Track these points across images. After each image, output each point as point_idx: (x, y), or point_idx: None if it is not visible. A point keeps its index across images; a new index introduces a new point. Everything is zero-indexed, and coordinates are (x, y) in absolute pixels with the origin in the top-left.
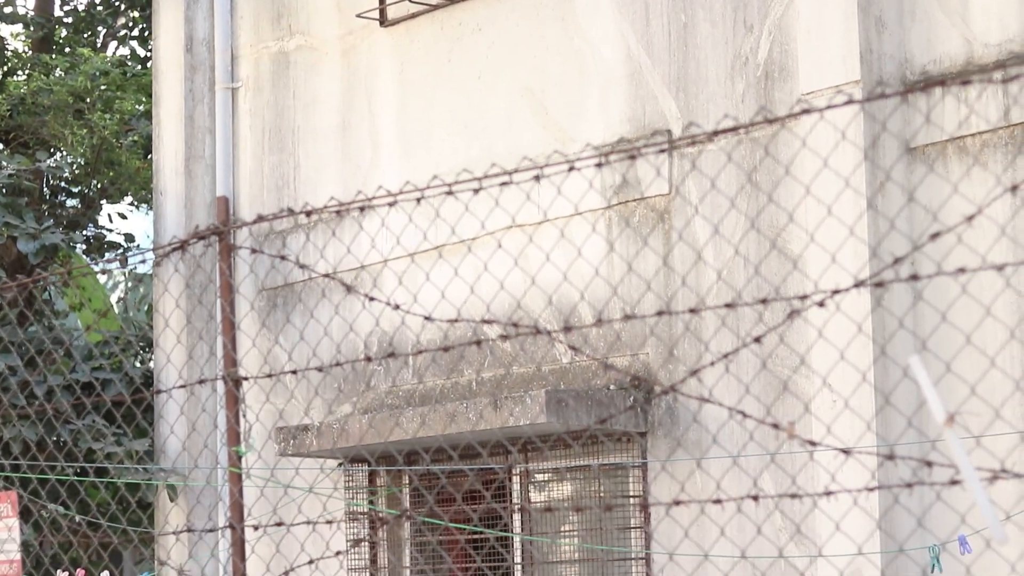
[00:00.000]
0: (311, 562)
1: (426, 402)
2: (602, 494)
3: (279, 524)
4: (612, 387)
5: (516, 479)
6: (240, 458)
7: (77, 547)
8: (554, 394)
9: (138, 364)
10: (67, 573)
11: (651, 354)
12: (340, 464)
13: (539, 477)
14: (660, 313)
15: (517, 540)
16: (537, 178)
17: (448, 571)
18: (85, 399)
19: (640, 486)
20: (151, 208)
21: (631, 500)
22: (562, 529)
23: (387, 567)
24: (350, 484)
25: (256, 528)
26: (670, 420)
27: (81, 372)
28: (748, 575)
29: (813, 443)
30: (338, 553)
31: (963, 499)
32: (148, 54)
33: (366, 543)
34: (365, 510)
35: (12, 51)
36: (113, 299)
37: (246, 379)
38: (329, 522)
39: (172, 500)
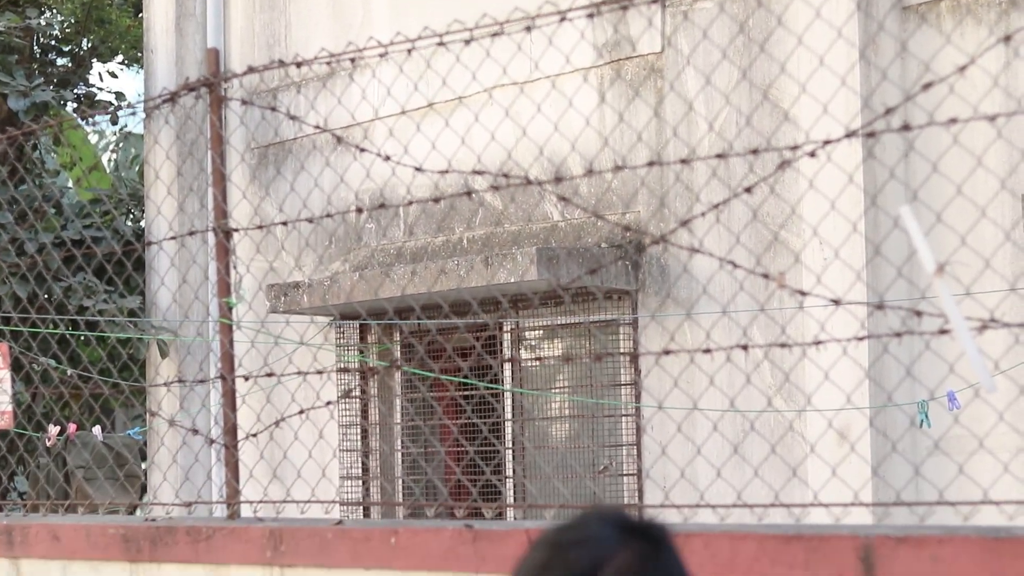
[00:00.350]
0: (301, 412)
1: (417, 259)
2: (593, 350)
3: (269, 375)
4: (603, 244)
5: (507, 336)
6: (230, 309)
7: (68, 399)
8: (545, 251)
9: (129, 223)
10: (59, 427)
11: (642, 211)
12: (331, 321)
13: (529, 334)
14: (651, 164)
15: (508, 395)
16: (529, 28)
17: (439, 424)
18: (76, 251)
19: (630, 344)
20: (141, 67)
21: (621, 354)
22: (552, 386)
23: (378, 421)
24: (341, 340)
25: (246, 379)
26: (661, 277)
27: (73, 229)
28: (737, 426)
29: (803, 293)
30: (328, 403)
31: (952, 349)
32: None
33: (356, 394)
34: (356, 364)
35: None
36: (104, 159)
37: (236, 231)
38: (320, 372)
39: (163, 356)
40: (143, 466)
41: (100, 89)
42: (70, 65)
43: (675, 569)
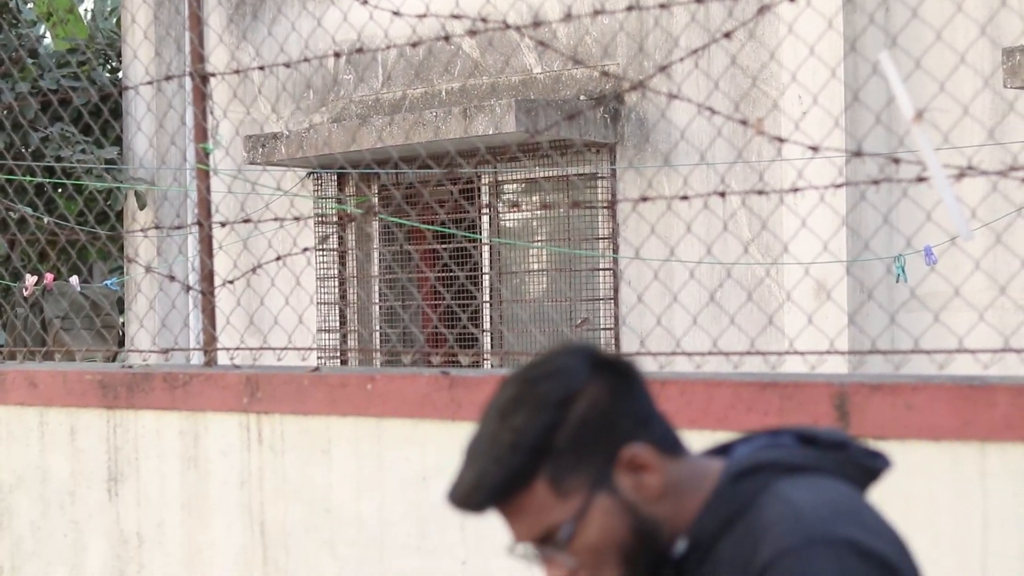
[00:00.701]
0: (279, 259)
1: (395, 111)
2: (570, 202)
3: (246, 221)
4: (582, 96)
5: (485, 188)
6: (207, 155)
7: (45, 246)
8: (523, 102)
9: (107, 73)
10: (36, 277)
11: (621, 62)
12: (309, 174)
13: (508, 188)
14: (630, 8)
15: (485, 248)
16: None
17: (416, 275)
18: (53, 98)
19: (609, 197)
20: None
21: (600, 206)
22: (531, 241)
23: (355, 273)
24: (319, 192)
25: (223, 225)
26: (640, 130)
27: (50, 79)
28: (714, 274)
29: (781, 140)
30: (305, 250)
31: (930, 197)
32: None
33: (334, 242)
34: (333, 213)
35: None
36: (81, 10)
37: (213, 75)
38: (297, 219)
39: (141, 207)
40: (120, 320)
41: None
42: None
43: (645, 403)
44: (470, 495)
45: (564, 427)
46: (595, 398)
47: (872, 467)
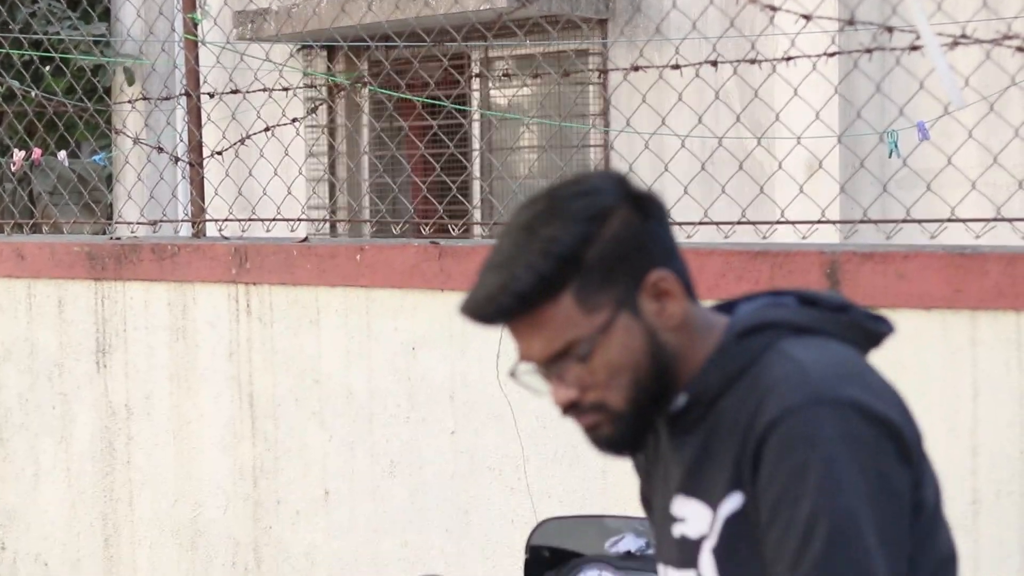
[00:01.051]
0: (267, 129)
1: None
2: (561, 80)
3: (235, 92)
4: None
5: (476, 65)
6: (196, 25)
7: (32, 117)
8: None
9: None
10: (23, 151)
11: None
12: (299, 48)
13: (499, 64)
14: None
15: (476, 125)
16: None
17: (406, 149)
18: None
19: (600, 76)
20: None
21: (590, 81)
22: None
23: (344, 150)
24: (309, 68)
25: (212, 96)
26: (631, 4)
27: None
28: (706, 144)
29: (774, 8)
30: (295, 120)
31: (923, 65)
32: None
33: (323, 114)
34: (322, 87)
35: None
36: None
37: None
38: (286, 89)
39: (130, 83)
40: (109, 199)
41: None
42: None
43: (671, 236)
44: (495, 299)
45: (596, 242)
46: (627, 219)
47: (874, 331)
